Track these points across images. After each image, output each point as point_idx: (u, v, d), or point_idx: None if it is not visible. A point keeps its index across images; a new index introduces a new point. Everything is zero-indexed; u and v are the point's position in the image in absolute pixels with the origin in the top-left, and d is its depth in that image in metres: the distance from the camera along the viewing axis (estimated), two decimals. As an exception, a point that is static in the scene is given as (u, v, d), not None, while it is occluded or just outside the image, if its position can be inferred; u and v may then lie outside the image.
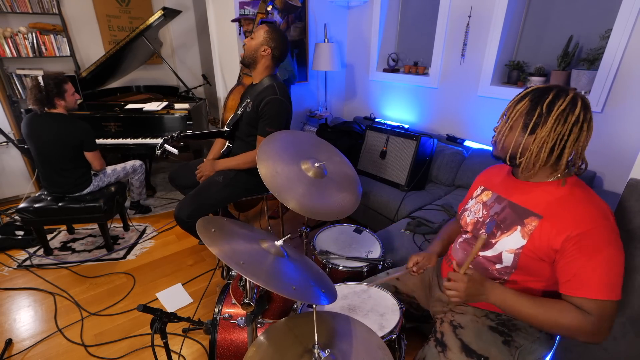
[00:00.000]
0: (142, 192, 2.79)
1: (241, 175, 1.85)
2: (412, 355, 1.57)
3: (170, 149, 1.83)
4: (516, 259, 0.94)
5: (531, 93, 0.89)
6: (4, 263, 2.27)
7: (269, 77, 1.79)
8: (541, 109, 0.85)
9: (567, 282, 0.85)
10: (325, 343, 0.89)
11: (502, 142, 0.94)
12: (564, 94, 0.85)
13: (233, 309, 1.24)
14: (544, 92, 0.87)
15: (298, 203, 1.18)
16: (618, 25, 1.74)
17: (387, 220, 2.26)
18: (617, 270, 0.82)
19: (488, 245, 1.00)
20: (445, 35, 2.55)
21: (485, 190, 1.11)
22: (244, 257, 0.83)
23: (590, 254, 0.81)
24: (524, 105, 0.88)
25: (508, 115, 0.92)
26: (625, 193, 1.02)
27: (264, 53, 1.73)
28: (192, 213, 1.75)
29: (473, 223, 1.09)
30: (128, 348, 1.66)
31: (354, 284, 1.28)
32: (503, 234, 0.97)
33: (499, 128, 0.97)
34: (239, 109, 1.88)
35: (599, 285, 0.81)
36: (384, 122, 3.08)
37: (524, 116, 0.88)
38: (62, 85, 2.01)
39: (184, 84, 3.29)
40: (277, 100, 1.71)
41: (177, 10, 2.90)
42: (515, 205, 0.98)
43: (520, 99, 0.91)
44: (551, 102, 0.85)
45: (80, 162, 2.17)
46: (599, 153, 1.94)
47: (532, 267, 0.92)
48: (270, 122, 1.72)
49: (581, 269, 0.82)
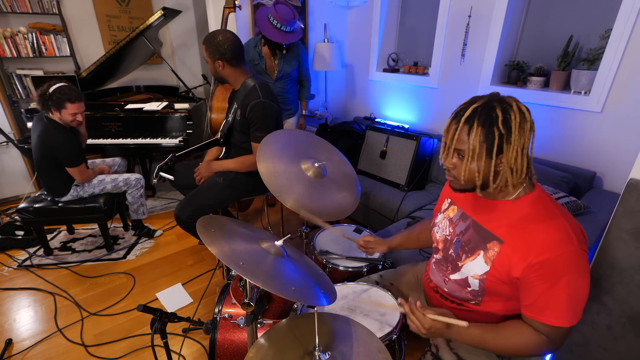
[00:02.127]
0: (139, 210, 2.43)
1: (241, 177, 1.85)
2: (412, 355, 1.58)
3: (166, 176, 1.81)
4: (482, 284, 0.92)
5: (475, 117, 0.81)
6: (4, 263, 2.27)
7: (247, 79, 1.75)
8: (499, 129, 0.79)
9: (528, 305, 0.85)
10: (325, 345, 0.89)
11: (465, 175, 0.86)
12: (507, 106, 0.80)
13: (233, 309, 1.24)
14: (488, 110, 0.80)
15: (298, 203, 1.18)
16: (618, 25, 1.73)
17: (387, 220, 2.26)
18: (578, 296, 0.81)
19: (456, 268, 0.99)
20: (445, 35, 2.55)
21: (452, 204, 1.08)
22: (244, 258, 0.83)
23: (552, 281, 0.80)
24: (477, 133, 0.80)
25: (467, 149, 0.82)
26: (625, 193, 1.02)
27: (221, 67, 1.69)
28: (192, 213, 1.75)
29: (442, 241, 1.07)
30: (128, 348, 1.66)
31: (354, 284, 1.28)
32: (468, 258, 0.95)
33: (453, 163, 0.88)
34: (229, 115, 1.86)
35: (558, 312, 0.81)
36: (384, 122, 3.08)
37: (484, 144, 0.81)
38: (63, 102, 1.93)
39: (184, 84, 3.29)
40: (261, 103, 1.68)
41: (177, 10, 2.90)
42: (479, 225, 0.95)
43: (469, 127, 0.81)
44: (504, 119, 0.79)
45: (59, 171, 2.07)
46: (599, 153, 1.94)
47: (499, 289, 0.91)
48: (259, 126, 1.70)
49: (542, 295, 0.81)
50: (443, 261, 1.06)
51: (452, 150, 0.86)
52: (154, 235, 2.58)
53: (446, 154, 0.89)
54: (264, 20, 2.35)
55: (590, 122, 1.95)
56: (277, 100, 1.79)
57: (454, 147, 0.85)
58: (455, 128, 0.84)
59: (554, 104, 2.05)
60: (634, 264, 1.02)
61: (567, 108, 2.02)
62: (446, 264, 1.04)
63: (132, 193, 2.34)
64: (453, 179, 0.92)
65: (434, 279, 1.12)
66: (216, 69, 1.71)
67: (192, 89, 3.30)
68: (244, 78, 1.76)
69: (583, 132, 1.99)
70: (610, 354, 1.13)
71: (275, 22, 2.32)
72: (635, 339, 1.06)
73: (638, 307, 1.04)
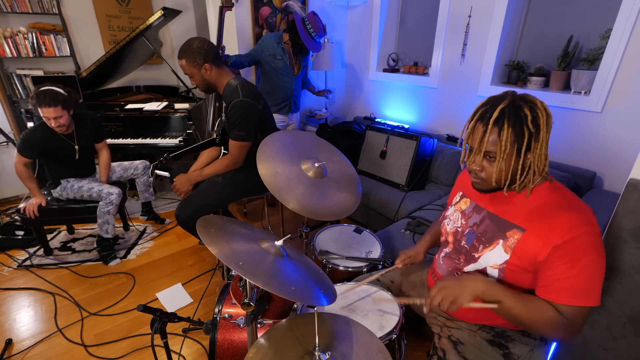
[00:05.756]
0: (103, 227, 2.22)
1: (239, 175, 1.85)
2: (412, 355, 1.58)
3: (162, 174, 1.80)
4: (501, 274, 0.92)
5: (504, 118, 0.81)
6: (4, 263, 2.27)
7: (230, 80, 1.73)
8: (528, 129, 0.81)
9: (546, 286, 0.85)
10: (325, 345, 0.88)
11: (496, 176, 0.86)
12: (533, 105, 0.82)
13: (233, 309, 1.24)
14: (516, 110, 0.81)
15: (298, 203, 1.18)
16: (618, 25, 1.73)
17: (387, 220, 2.27)
18: (597, 276, 0.81)
19: (471, 259, 0.99)
20: (445, 35, 2.55)
21: (464, 197, 1.09)
22: (244, 258, 0.83)
23: (573, 262, 0.81)
24: (509, 134, 0.81)
25: (498, 151, 0.83)
26: (625, 193, 1.02)
27: (208, 72, 1.65)
28: (192, 213, 1.75)
29: (453, 233, 1.07)
30: (128, 348, 1.66)
31: (352, 284, 1.27)
32: (486, 248, 0.95)
33: (482, 165, 0.88)
34: (222, 115, 1.85)
35: (577, 292, 0.81)
36: (384, 122, 3.08)
37: (515, 143, 0.82)
38: (38, 105, 1.91)
39: (184, 84, 3.29)
40: (240, 102, 1.65)
41: (177, 10, 2.90)
42: (495, 216, 0.95)
43: (499, 129, 0.82)
44: (533, 118, 0.81)
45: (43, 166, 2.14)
46: (599, 153, 1.94)
47: (518, 278, 0.91)
48: (236, 125, 1.67)
49: (561, 276, 0.82)
50: (454, 253, 1.06)
51: (479, 153, 0.87)
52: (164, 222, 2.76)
53: (474, 157, 0.89)
54: (300, 24, 2.44)
55: (590, 122, 1.95)
56: (262, 100, 1.75)
57: (483, 150, 0.85)
58: (484, 130, 0.84)
59: (554, 104, 2.05)
60: (634, 264, 1.02)
61: (567, 108, 2.02)
62: (458, 256, 1.04)
63: (101, 207, 2.18)
64: (480, 180, 0.92)
65: (440, 271, 1.12)
66: (204, 77, 1.66)
67: (192, 89, 3.30)
68: (227, 79, 1.73)
69: (583, 132, 1.99)
70: (610, 354, 1.13)
71: (310, 28, 2.44)
72: (635, 339, 1.07)
73: (638, 307, 1.04)
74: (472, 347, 1.00)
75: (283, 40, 2.55)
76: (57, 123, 1.98)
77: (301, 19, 2.44)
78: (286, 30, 2.55)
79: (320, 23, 2.48)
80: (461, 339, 1.03)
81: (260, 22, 2.87)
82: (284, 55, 2.55)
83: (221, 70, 1.71)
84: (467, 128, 0.89)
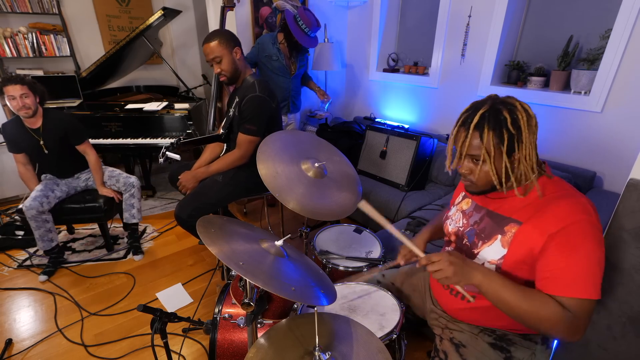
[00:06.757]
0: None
1: (240, 174, 1.85)
2: (412, 355, 1.58)
3: (173, 156, 1.81)
4: (499, 270, 0.93)
5: (484, 122, 0.84)
6: (4, 263, 2.27)
7: (247, 77, 1.77)
8: (509, 131, 0.82)
9: (545, 279, 0.84)
10: (325, 345, 0.89)
11: (482, 178, 0.89)
12: (512, 107, 0.84)
13: (233, 309, 1.24)
14: (495, 114, 0.83)
15: (298, 203, 1.18)
16: (618, 25, 1.73)
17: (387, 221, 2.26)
18: (595, 267, 0.80)
19: (471, 256, 0.99)
20: (445, 35, 2.55)
21: (466, 197, 1.10)
22: (244, 258, 0.83)
23: (569, 251, 0.80)
24: (489, 137, 0.83)
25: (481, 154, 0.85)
26: (625, 193, 1.02)
27: (238, 56, 1.70)
28: (192, 212, 1.75)
29: (455, 232, 1.08)
30: (128, 348, 1.66)
31: (355, 284, 1.28)
32: (484, 244, 0.96)
33: (469, 168, 0.91)
34: (230, 111, 1.86)
35: (577, 284, 0.80)
36: (384, 122, 3.08)
37: (498, 146, 0.84)
38: (3, 88, 1.88)
39: (184, 84, 3.29)
40: (256, 97, 1.69)
41: (177, 10, 2.90)
42: (494, 213, 0.97)
43: (479, 133, 0.84)
44: (513, 120, 0.82)
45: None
46: (599, 153, 1.94)
47: (517, 274, 0.91)
48: (249, 119, 1.71)
49: (558, 265, 0.81)
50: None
51: (465, 156, 0.89)
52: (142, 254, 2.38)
53: (462, 161, 0.92)
54: (291, 21, 2.42)
55: (590, 122, 1.95)
56: (275, 99, 1.79)
57: (466, 154, 0.88)
58: (466, 135, 0.87)
59: (554, 104, 2.05)
60: (634, 263, 1.02)
61: (567, 108, 2.02)
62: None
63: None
64: (470, 183, 0.95)
65: None
66: (234, 60, 1.70)
67: (192, 89, 3.30)
68: (248, 72, 1.78)
69: (583, 132, 1.99)
70: (610, 354, 1.13)
71: (302, 24, 2.41)
72: (635, 339, 1.06)
73: (638, 307, 1.04)
74: (474, 351, 1.00)
75: (278, 40, 2.53)
76: (23, 102, 1.90)
77: (292, 17, 2.41)
78: (280, 31, 2.54)
79: (312, 17, 2.44)
80: (463, 341, 1.03)
81: (260, 22, 2.87)
82: (279, 55, 2.53)
83: (245, 62, 1.76)
84: (452, 134, 0.92)
